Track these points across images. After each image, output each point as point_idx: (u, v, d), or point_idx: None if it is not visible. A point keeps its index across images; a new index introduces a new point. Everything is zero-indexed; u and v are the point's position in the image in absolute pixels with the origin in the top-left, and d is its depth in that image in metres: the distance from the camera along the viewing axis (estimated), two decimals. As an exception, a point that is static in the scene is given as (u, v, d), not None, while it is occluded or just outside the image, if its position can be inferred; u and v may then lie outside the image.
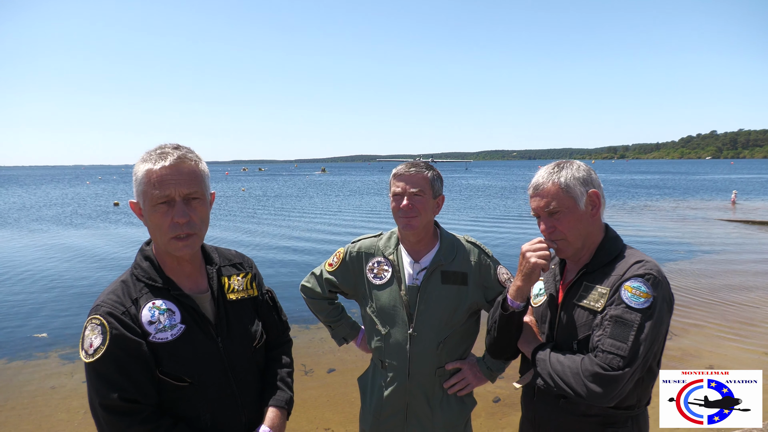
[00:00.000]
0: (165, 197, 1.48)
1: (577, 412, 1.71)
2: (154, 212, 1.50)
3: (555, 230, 1.72)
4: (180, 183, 1.49)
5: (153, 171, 1.48)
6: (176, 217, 1.49)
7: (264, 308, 1.84)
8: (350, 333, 2.45)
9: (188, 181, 1.51)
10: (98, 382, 1.43)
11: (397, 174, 2.11)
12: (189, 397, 1.53)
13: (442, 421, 2.12)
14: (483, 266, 2.15)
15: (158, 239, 1.54)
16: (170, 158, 1.49)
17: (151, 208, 1.50)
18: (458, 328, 2.12)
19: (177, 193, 1.48)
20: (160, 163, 1.48)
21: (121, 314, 1.48)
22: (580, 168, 1.75)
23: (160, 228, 1.51)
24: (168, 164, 1.48)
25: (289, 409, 1.78)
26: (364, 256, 2.25)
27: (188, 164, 1.52)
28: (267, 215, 21.99)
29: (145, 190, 1.49)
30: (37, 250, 13.24)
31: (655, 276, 1.59)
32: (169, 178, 1.48)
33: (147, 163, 1.50)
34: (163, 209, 1.49)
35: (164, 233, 1.51)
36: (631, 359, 1.50)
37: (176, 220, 1.49)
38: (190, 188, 1.51)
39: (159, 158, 1.49)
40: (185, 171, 1.51)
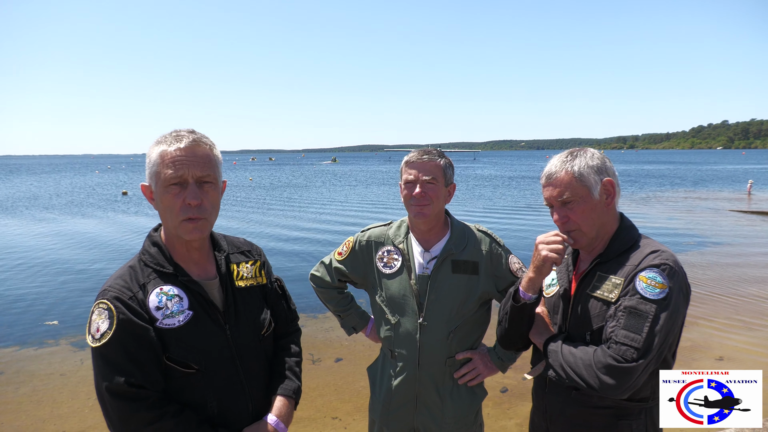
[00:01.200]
0: (178, 178, 1.47)
1: (590, 403, 1.68)
2: (166, 193, 1.49)
3: (568, 220, 1.69)
4: (194, 165, 1.49)
5: (167, 152, 1.48)
6: (188, 198, 1.48)
7: (273, 296, 1.83)
8: (360, 322, 2.44)
9: (202, 164, 1.51)
10: (104, 366, 1.42)
11: (409, 161, 2.08)
12: (196, 384, 1.53)
13: (452, 412, 2.10)
14: (494, 255, 2.12)
15: (169, 222, 1.53)
16: (185, 140, 1.50)
17: (163, 189, 1.49)
18: (469, 318, 2.10)
19: (190, 174, 1.48)
20: (175, 145, 1.49)
21: (128, 299, 1.47)
22: (594, 156, 1.70)
23: (172, 210, 1.50)
24: (183, 146, 1.49)
25: (296, 398, 1.77)
26: (373, 245, 2.23)
27: (203, 148, 1.52)
28: (274, 205, 22.04)
29: (159, 170, 1.49)
30: (47, 238, 13.36)
31: (671, 266, 1.55)
32: (183, 159, 1.48)
33: (162, 145, 1.51)
34: (175, 190, 1.49)
35: (175, 215, 1.50)
36: (645, 351, 1.47)
37: (188, 201, 1.48)
38: (204, 171, 1.51)
39: (174, 140, 1.50)
40: (199, 154, 1.51)
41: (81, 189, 33.39)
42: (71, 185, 37.54)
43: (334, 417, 4.29)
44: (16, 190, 32.36)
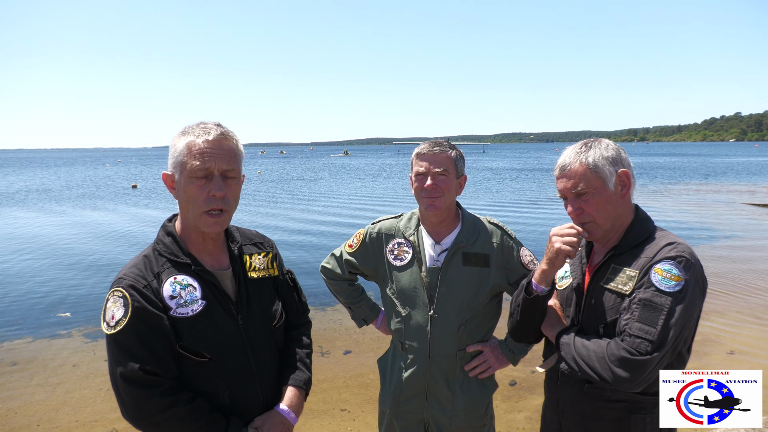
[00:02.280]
0: (205, 170, 1.49)
1: (602, 397, 1.66)
2: (190, 184, 1.50)
3: (583, 212, 1.66)
4: (220, 158, 1.50)
5: (195, 143, 1.49)
6: (213, 190, 1.49)
7: (284, 288, 1.83)
8: (370, 314, 2.43)
9: (228, 158, 1.52)
10: (119, 353, 1.43)
11: (420, 153, 2.07)
12: (208, 373, 1.54)
13: (462, 404, 2.10)
14: (506, 248, 2.11)
15: (190, 212, 1.54)
16: (213, 133, 1.51)
17: (187, 180, 1.50)
18: (480, 311, 2.09)
19: (217, 167, 1.50)
20: (203, 137, 1.50)
21: (143, 287, 1.48)
22: (609, 147, 1.67)
23: (195, 201, 1.51)
24: (211, 138, 1.50)
25: (307, 389, 1.78)
26: (384, 238, 2.22)
27: (230, 142, 1.54)
28: (284, 198, 22.08)
29: (185, 161, 1.50)
30: (59, 230, 13.49)
31: (687, 258, 1.52)
32: (210, 152, 1.49)
33: (189, 136, 1.51)
34: (200, 183, 1.50)
35: (198, 206, 1.51)
36: (659, 344, 1.45)
37: (213, 193, 1.49)
38: (229, 165, 1.52)
39: (202, 132, 1.51)
40: (226, 147, 1.52)
41: (92, 181, 33.70)
42: (82, 178, 37.86)
43: (342, 409, 4.30)
44: (29, 183, 32.73)
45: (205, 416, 1.49)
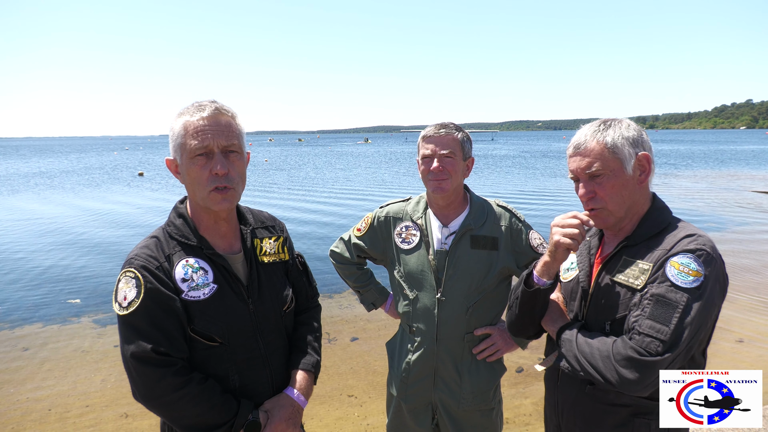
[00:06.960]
0: (204, 148, 1.47)
1: (605, 400, 1.53)
2: (192, 165, 1.48)
3: (595, 196, 1.52)
4: (218, 134, 1.48)
5: (191, 122, 1.48)
6: (215, 168, 1.47)
7: (294, 273, 1.82)
8: (379, 298, 2.43)
9: (226, 133, 1.50)
10: (131, 334, 1.43)
11: (426, 136, 2.05)
12: (218, 357, 1.54)
13: (470, 387, 2.09)
14: (514, 231, 2.09)
15: (197, 194, 1.52)
16: (208, 110, 1.49)
17: (189, 161, 1.49)
18: (488, 294, 2.08)
19: (216, 144, 1.48)
20: (198, 114, 1.48)
21: (155, 269, 1.48)
22: (630, 127, 1.52)
23: (199, 181, 1.49)
24: (206, 115, 1.48)
25: (316, 372, 1.78)
26: (392, 221, 2.21)
27: (225, 117, 1.51)
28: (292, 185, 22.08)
29: (183, 141, 1.48)
30: (68, 217, 13.55)
31: (708, 252, 1.37)
32: (207, 129, 1.47)
33: (184, 116, 1.50)
34: (201, 161, 1.48)
35: (203, 186, 1.49)
36: (672, 344, 1.32)
37: (215, 171, 1.47)
38: (229, 140, 1.50)
39: (197, 110, 1.49)
40: (223, 123, 1.50)
41: (100, 168, 33.85)
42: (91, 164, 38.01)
43: (350, 395, 4.33)
44: (38, 169, 32.91)
45: (217, 397, 1.49)
